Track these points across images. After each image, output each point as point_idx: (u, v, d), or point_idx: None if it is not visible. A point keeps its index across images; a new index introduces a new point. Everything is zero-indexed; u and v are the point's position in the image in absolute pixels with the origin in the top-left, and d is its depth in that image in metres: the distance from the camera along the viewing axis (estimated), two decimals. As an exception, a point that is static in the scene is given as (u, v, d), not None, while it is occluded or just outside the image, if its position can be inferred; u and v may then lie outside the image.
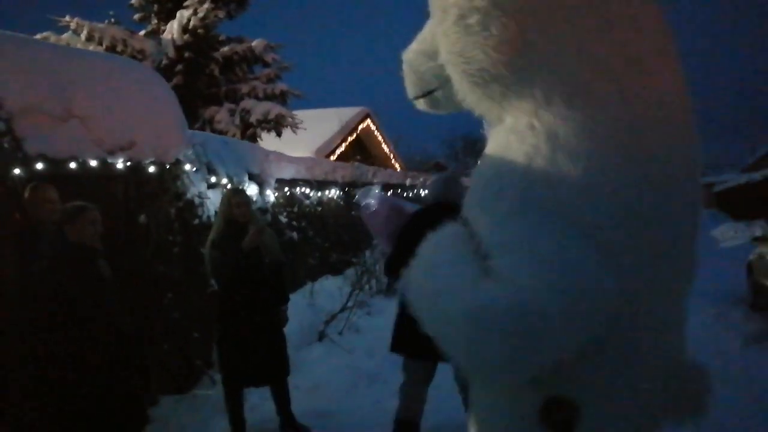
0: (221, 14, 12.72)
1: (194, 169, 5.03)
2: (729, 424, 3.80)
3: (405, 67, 2.13)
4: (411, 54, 2.10)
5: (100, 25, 12.36)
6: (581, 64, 1.59)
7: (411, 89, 2.16)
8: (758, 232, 7.98)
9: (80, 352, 2.93)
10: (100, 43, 12.15)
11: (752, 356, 5.47)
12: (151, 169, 4.38)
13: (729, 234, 13.43)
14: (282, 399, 4.20)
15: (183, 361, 4.74)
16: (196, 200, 5.01)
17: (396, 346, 3.63)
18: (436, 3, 1.81)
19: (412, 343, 3.28)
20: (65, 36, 12.23)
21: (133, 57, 11.82)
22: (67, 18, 12.09)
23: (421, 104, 2.18)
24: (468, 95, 1.79)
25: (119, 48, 12.19)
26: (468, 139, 41.07)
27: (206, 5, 12.31)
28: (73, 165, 3.67)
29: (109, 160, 3.97)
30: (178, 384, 4.66)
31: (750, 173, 25.55)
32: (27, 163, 3.41)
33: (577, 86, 1.58)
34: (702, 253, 1.83)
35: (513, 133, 1.67)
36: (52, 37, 12.08)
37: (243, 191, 4.27)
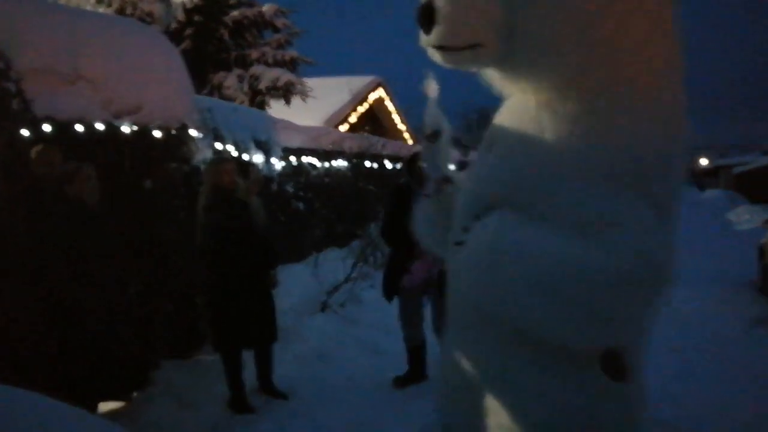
0: (232, -23, 12.56)
1: (200, 135, 5.00)
2: (729, 402, 3.89)
3: (449, 8, 1.75)
4: None
5: (109, -14, 12.20)
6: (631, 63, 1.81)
7: (454, 36, 1.80)
8: (773, 215, 7.87)
9: (90, 305, 3.01)
10: (110, 5, 12.00)
11: (755, 339, 5.46)
12: (157, 134, 4.36)
13: (744, 217, 13.34)
14: (264, 364, 4.26)
15: (186, 326, 4.78)
16: (202, 166, 4.99)
17: (388, 291, 4.46)
18: None
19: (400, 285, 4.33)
20: (74, -3, 12.09)
21: (142, 20, 11.64)
22: (76, -22, 11.95)
23: (465, 56, 1.84)
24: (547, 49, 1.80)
25: (128, 11, 12.03)
26: (484, 111, 40.50)
27: (217, -32, 12.14)
28: (80, 128, 3.66)
29: (116, 124, 3.95)
30: (181, 349, 4.71)
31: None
32: (35, 124, 3.40)
33: (628, 78, 1.82)
34: (716, 235, 2.04)
35: (591, 114, 1.82)
36: (62, -2, 11.95)
37: (231, 159, 4.31)
